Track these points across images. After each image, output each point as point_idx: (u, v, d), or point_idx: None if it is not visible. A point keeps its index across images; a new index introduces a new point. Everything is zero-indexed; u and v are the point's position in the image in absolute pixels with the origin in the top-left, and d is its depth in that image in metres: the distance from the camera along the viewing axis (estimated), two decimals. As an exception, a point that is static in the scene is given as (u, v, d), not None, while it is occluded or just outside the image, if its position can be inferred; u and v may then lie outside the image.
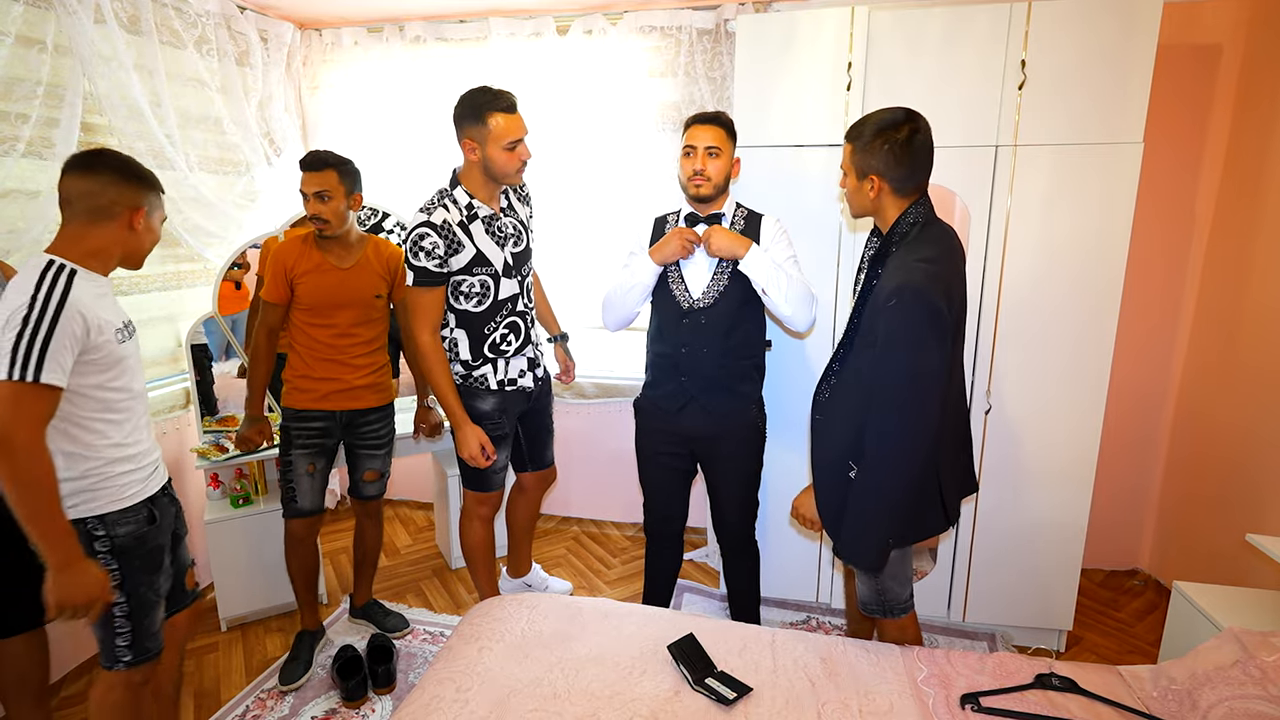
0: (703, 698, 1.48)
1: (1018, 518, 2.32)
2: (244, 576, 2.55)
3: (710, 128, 1.89)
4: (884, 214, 1.56)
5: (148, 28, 2.39)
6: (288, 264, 2.13)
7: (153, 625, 1.56)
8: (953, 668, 1.58)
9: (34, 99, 2.03)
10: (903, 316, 1.40)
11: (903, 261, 1.46)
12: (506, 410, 2.17)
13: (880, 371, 1.45)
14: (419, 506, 3.65)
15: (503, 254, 2.05)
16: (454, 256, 1.97)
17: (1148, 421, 2.78)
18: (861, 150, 1.51)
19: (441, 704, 1.46)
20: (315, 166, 2.07)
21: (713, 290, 1.93)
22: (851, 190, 1.58)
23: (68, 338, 1.32)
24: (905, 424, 1.43)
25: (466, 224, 1.98)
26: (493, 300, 2.06)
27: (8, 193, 1.98)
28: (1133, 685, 1.52)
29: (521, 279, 2.12)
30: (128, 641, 1.52)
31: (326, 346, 2.17)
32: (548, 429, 2.42)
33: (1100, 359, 2.17)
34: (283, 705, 2.15)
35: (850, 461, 1.54)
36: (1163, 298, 2.69)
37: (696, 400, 1.98)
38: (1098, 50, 2.02)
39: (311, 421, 2.21)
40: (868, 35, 2.16)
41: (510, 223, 2.09)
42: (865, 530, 1.51)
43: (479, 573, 2.35)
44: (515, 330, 2.13)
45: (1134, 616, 2.65)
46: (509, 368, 2.15)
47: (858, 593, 1.79)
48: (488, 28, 2.93)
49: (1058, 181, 2.11)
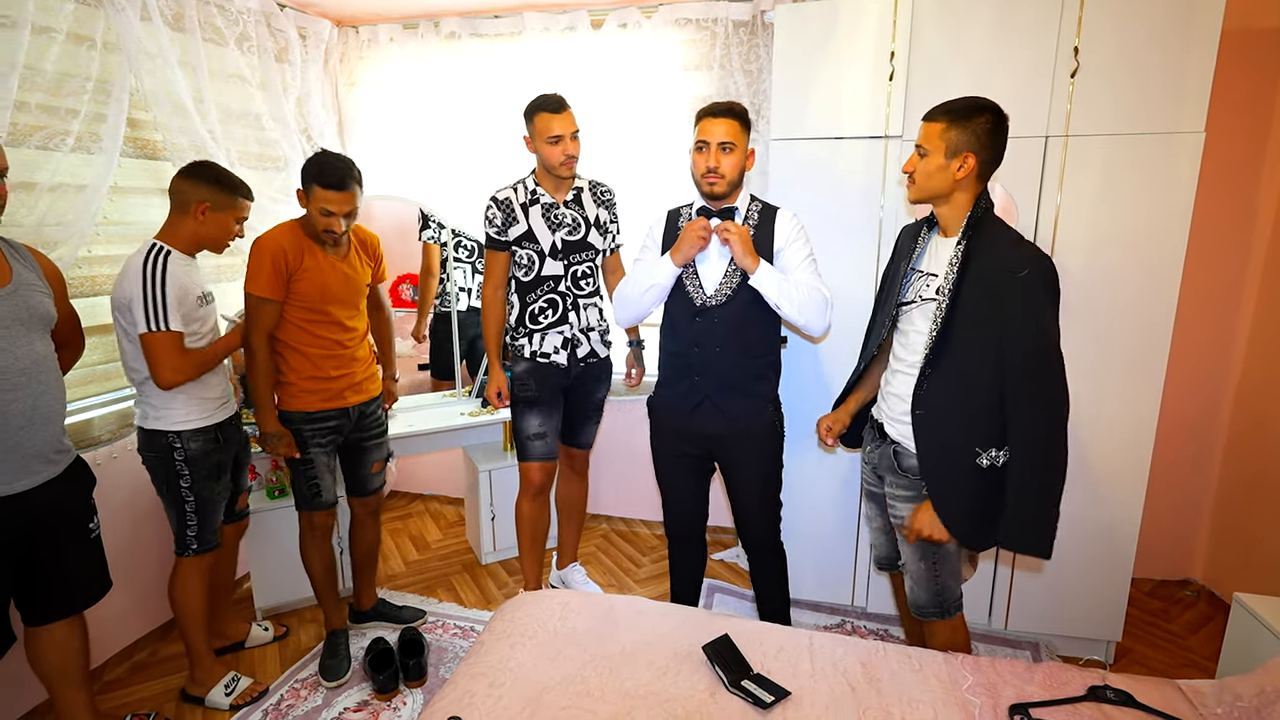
0: (739, 700, 1.44)
1: (1065, 521, 2.20)
2: (279, 567, 2.57)
3: (724, 121, 1.80)
4: (957, 197, 1.55)
5: (191, 25, 2.43)
6: (288, 258, 2.00)
7: (213, 524, 2.07)
8: (999, 676, 1.52)
9: (83, 94, 2.07)
10: (1040, 285, 1.46)
11: (1007, 237, 1.53)
12: (540, 379, 2.34)
13: (1024, 341, 1.46)
14: (449, 501, 3.67)
15: (552, 237, 2.26)
16: (511, 228, 2.25)
17: (1204, 426, 2.66)
18: (957, 126, 1.50)
19: (475, 699, 1.45)
20: (344, 186, 1.97)
21: (726, 287, 1.87)
22: (935, 169, 1.53)
23: (172, 297, 1.85)
24: (1064, 387, 1.47)
25: (528, 205, 2.26)
26: (536, 274, 2.29)
27: (57, 186, 2.02)
28: (1194, 701, 1.44)
29: (568, 264, 2.30)
30: (194, 533, 2.03)
31: (332, 343, 2.12)
32: (588, 414, 2.52)
33: (1155, 360, 2.08)
34: (316, 695, 2.17)
35: (978, 449, 1.52)
36: (1222, 296, 2.57)
37: (710, 400, 1.93)
38: (1156, 35, 1.93)
39: (326, 421, 2.17)
40: (911, 24, 2.10)
41: (571, 214, 2.29)
42: (1047, 509, 1.51)
43: (520, 550, 2.54)
44: (553, 306, 2.32)
45: (1187, 628, 2.53)
46: (544, 342, 2.33)
47: (912, 597, 1.76)
48: (522, 23, 2.93)
49: (1111, 173, 2.02)
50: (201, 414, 2.00)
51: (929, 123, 1.55)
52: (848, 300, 2.29)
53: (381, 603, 2.57)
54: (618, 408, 3.23)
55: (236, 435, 2.16)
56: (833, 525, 2.47)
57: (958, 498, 1.57)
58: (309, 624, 2.57)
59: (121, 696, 2.21)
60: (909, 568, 1.74)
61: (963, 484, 1.56)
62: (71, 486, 1.69)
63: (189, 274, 1.95)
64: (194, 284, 1.96)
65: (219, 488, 2.07)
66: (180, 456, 1.97)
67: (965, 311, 1.52)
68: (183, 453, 1.97)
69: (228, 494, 2.13)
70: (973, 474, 1.54)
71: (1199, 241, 2.29)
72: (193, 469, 1.99)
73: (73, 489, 1.70)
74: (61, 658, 1.74)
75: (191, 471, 1.99)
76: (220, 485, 2.07)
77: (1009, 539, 1.55)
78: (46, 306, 1.61)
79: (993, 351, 1.49)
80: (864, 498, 1.98)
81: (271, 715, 2.09)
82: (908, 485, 1.68)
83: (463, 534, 3.31)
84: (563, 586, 2.73)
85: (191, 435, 1.97)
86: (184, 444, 1.96)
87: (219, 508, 2.09)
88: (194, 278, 1.98)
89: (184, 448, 1.97)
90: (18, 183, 1.94)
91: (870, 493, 1.90)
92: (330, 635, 2.34)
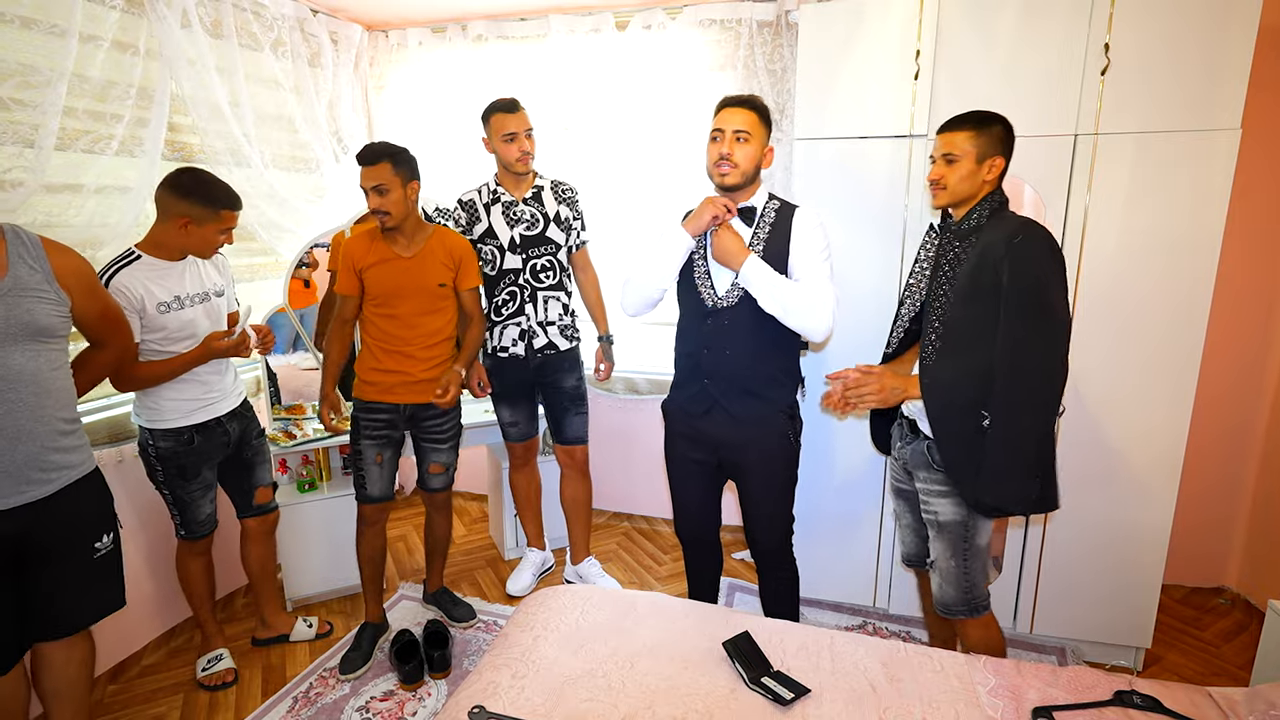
0: (759, 696, 1.45)
1: (1093, 525, 2.20)
2: (310, 559, 2.64)
3: (741, 110, 1.75)
4: (979, 197, 1.65)
5: (229, 31, 2.51)
6: (355, 257, 2.17)
7: (196, 516, 2.13)
8: (1023, 679, 1.51)
9: (127, 100, 2.15)
10: (1034, 249, 1.50)
11: (1007, 216, 1.61)
12: (500, 374, 2.54)
13: (1017, 309, 1.49)
14: (473, 498, 3.72)
15: (510, 232, 2.41)
16: (474, 226, 2.43)
17: (1239, 430, 2.60)
18: (984, 133, 1.60)
19: (498, 690, 1.48)
20: (369, 160, 2.06)
21: (737, 289, 1.79)
22: (967, 173, 1.61)
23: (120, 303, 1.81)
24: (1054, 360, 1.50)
25: (489, 205, 2.42)
26: (498, 269, 2.44)
27: (102, 188, 2.10)
28: (1225, 709, 1.41)
29: (526, 258, 2.43)
30: (180, 523, 2.12)
31: (393, 338, 2.20)
32: (565, 405, 2.58)
33: (1187, 362, 2.04)
34: (344, 685, 2.22)
35: (983, 410, 1.55)
36: (1259, 296, 2.51)
37: (720, 404, 1.86)
38: (1191, 30, 1.90)
39: (378, 414, 2.24)
40: (937, 23, 2.08)
41: (530, 210, 2.43)
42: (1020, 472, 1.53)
43: (518, 513, 2.84)
44: (512, 298, 2.47)
45: (1220, 637, 2.48)
46: (502, 336, 2.49)
47: (940, 596, 1.76)
48: (548, 25, 2.97)
49: (1143, 172, 1.99)
50: (174, 414, 2.02)
51: (956, 132, 1.62)
52: (872, 299, 2.29)
53: (444, 591, 2.62)
54: (638, 406, 3.25)
55: (220, 437, 2.13)
56: (855, 526, 2.46)
57: (969, 463, 1.59)
58: (338, 615, 2.63)
59: (157, 681, 2.29)
60: (938, 564, 1.74)
61: (966, 443, 1.59)
62: (68, 505, 1.55)
63: (154, 280, 1.91)
64: (160, 291, 1.93)
65: (192, 486, 2.09)
66: (152, 453, 2.02)
67: (966, 284, 1.60)
68: (154, 450, 2.02)
69: (207, 492, 2.15)
70: (978, 435, 1.57)
71: (1234, 241, 2.24)
72: (163, 466, 2.03)
73: (69, 507, 1.56)
74: (55, 681, 1.63)
75: (163, 468, 2.04)
76: (194, 484, 2.09)
77: (990, 497, 1.57)
78: (37, 315, 1.45)
79: (990, 318, 1.54)
80: (892, 496, 1.98)
81: (300, 703, 2.14)
82: (941, 480, 1.69)
83: (486, 530, 3.36)
84: (579, 581, 2.76)
85: (161, 435, 2.01)
86: (155, 442, 2.01)
87: (198, 504, 2.12)
88: (165, 283, 1.94)
89: (155, 445, 2.01)
90: (65, 184, 2.02)
91: (899, 490, 1.91)
92: (360, 628, 2.40)
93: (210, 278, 2.09)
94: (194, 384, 2.05)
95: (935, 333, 1.67)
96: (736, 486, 2.00)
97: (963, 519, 1.69)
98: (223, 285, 2.14)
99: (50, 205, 1.99)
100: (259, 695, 2.20)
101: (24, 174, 1.87)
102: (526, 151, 2.36)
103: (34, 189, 1.88)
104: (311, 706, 2.13)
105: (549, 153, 2.88)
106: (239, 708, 2.16)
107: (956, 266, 1.64)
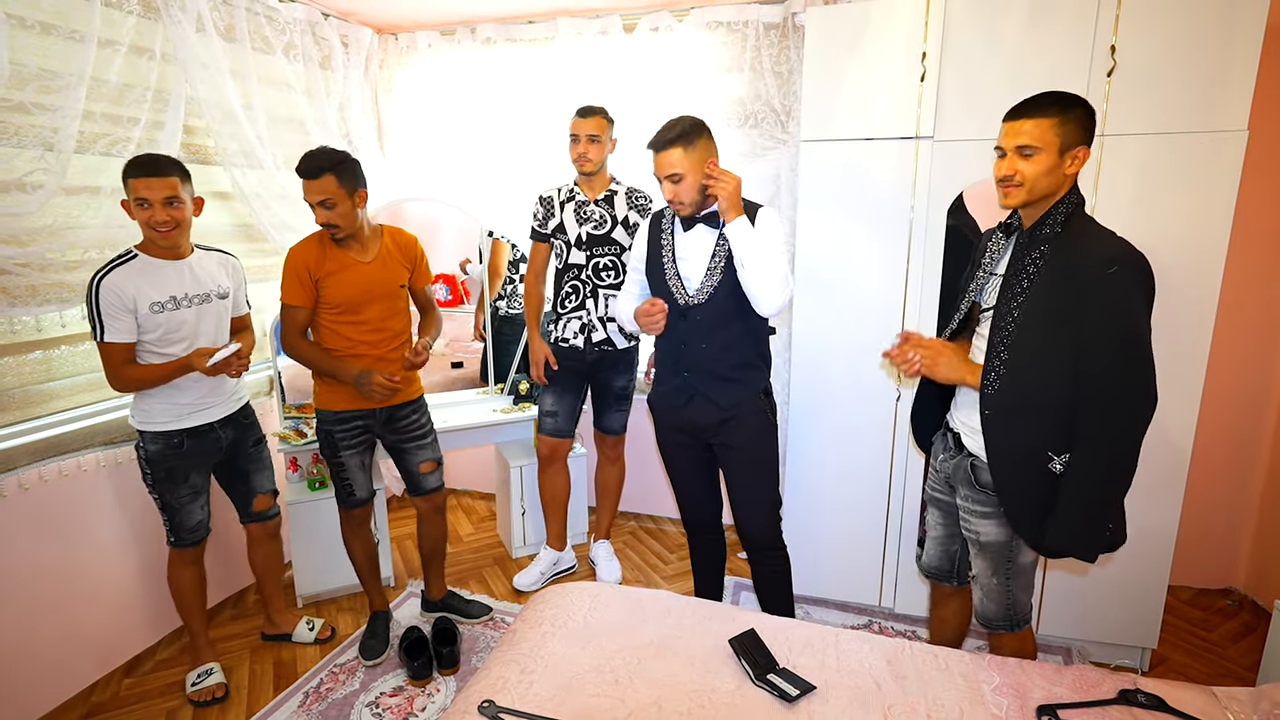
0: (765, 693, 1.47)
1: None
2: (319, 556, 2.67)
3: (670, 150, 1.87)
4: (1059, 193, 1.48)
5: (241, 35, 2.54)
6: (309, 265, 2.07)
7: (186, 522, 2.10)
8: (1028, 677, 1.52)
9: (143, 103, 2.18)
10: (1131, 282, 1.38)
11: (1091, 227, 1.47)
12: (562, 361, 2.63)
13: (1108, 342, 1.38)
14: (481, 497, 3.74)
15: (579, 230, 2.53)
16: (549, 221, 2.59)
17: (1247, 432, 2.60)
18: (1070, 119, 1.43)
19: (507, 685, 1.50)
20: (312, 173, 1.96)
21: (708, 285, 1.90)
22: (1048, 168, 1.44)
23: (107, 308, 1.86)
24: (1150, 395, 1.40)
25: (565, 202, 2.57)
26: (565, 262, 2.59)
27: (120, 190, 2.12)
28: (1230, 708, 1.42)
29: (590, 255, 2.55)
30: (170, 529, 2.10)
31: (360, 344, 2.15)
32: (610, 400, 2.75)
33: (1194, 363, 2.04)
34: (354, 680, 2.25)
35: (1051, 452, 1.47)
36: (1265, 298, 2.51)
37: (701, 393, 1.98)
38: (1198, 31, 1.90)
39: (353, 421, 2.21)
40: (944, 25, 2.09)
41: (599, 211, 2.55)
42: (1101, 516, 1.47)
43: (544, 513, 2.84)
44: (576, 292, 2.59)
45: (1227, 638, 2.47)
46: (565, 328, 2.61)
47: (981, 610, 1.72)
48: (556, 28, 2.99)
49: (1149, 173, 1.99)
50: (164, 417, 2.00)
51: (1033, 119, 1.44)
52: (877, 301, 2.30)
53: (452, 594, 2.62)
54: (638, 407, 3.26)
55: (212, 443, 2.11)
56: (861, 525, 2.47)
57: (1028, 503, 1.51)
58: (347, 612, 2.66)
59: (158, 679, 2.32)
60: (980, 581, 1.69)
61: (1033, 488, 1.50)
62: None
63: (148, 280, 1.91)
64: (154, 290, 1.91)
65: (180, 491, 2.06)
66: (141, 455, 2.02)
67: (1043, 307, 1.45)
68: (143, 451, 2.01)
69: (196, 498, 2.10)
70: (1044, 478, 1.49)
71: (1240, 242, 2.23)
72: (152, 469, 2.02)
73: None
74: None
75: (151, 471, 2.02)
76: (182, 490, 2.06)
77: (1058, 546, 1.49)
78: None
79: (1070, 350, 1.42)
80: (929, 505, 1.87)
81: (311, 698, 2.17)
82: (985, 501, 1.61)
83: (494, 528, 3.38)
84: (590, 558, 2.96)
85: (151, 437, 2.00)
86: (145, 444, 2.01)
87: (187, 509, 2.08)
88: (160, 283, 1.93)
89: (145, 448, 2.01)
90: (83, 186, 2.06)
91: (936, 499, 1.82)
92: (372, 617, 2.44)
93: (214, 279, 2.07)
94: (186, 388, 2.02)
95: (1000, 358, 1.52)
96: (723, 472, 2.11)
97: (1006, 539, 1.62)
98: (228, 287, 2.13)
99: (69, 207, 2.03)
100: (270, 691, 2.23)
101: (44, 176, 1.90)
102: (583, 154, 2.47)
103: (54, 191, 1.92)
104: (322, 701, 2.15)
105: (556, 154, 2.89)
106: (250, 703, 2.19)
107: (1035, 280, 1.48)
